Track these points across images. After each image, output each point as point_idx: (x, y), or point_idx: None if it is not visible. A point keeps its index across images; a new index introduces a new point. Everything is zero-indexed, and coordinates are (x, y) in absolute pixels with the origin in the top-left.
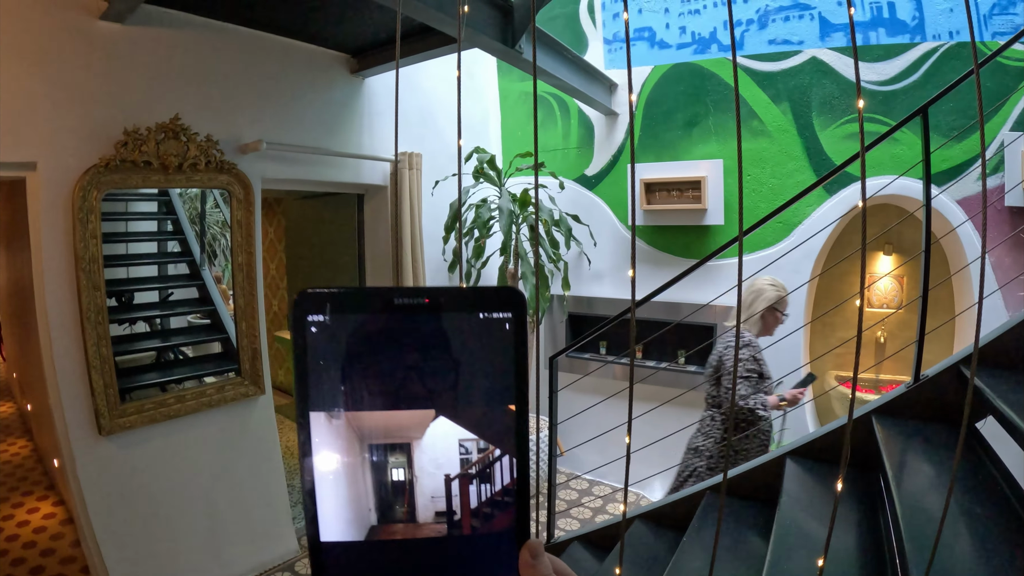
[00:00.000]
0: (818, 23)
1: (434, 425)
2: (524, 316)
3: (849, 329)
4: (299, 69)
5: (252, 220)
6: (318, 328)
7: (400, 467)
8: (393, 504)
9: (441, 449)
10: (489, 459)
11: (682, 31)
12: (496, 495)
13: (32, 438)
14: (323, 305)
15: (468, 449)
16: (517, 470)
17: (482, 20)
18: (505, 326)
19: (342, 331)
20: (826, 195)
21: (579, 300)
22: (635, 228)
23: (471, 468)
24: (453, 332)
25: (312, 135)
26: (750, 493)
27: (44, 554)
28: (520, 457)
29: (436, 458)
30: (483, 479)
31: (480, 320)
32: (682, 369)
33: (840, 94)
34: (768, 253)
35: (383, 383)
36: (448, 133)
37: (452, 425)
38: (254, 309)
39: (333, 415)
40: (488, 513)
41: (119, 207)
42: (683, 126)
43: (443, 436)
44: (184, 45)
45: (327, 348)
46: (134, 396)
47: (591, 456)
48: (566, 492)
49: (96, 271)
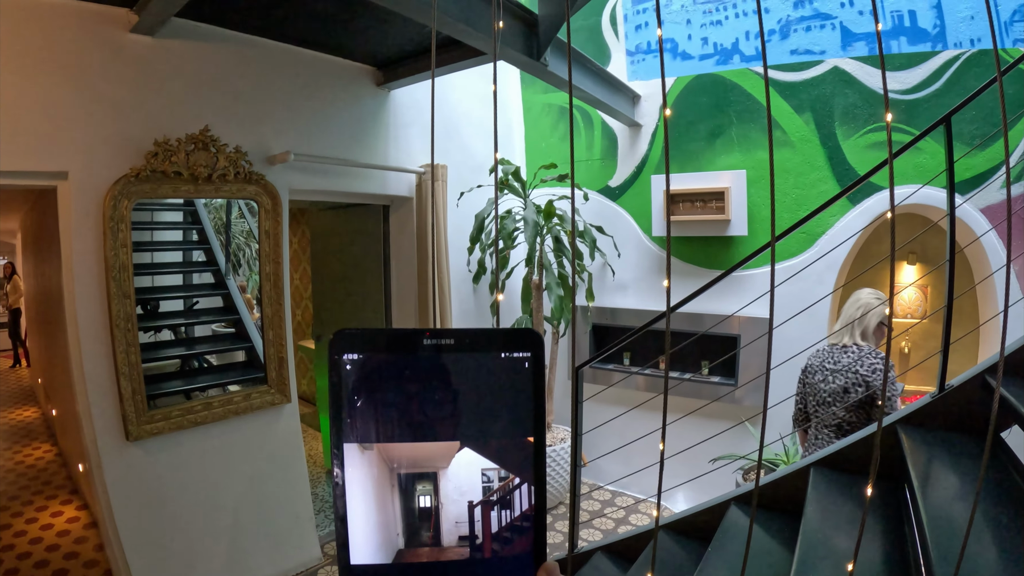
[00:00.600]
0: (840, 33)
1: (459, 456)
2: (542, 355)
3: None
4: (326, 81)
5: (280, 230)
6: (352, 365)
7: (427, 494)
8: (419, 529)
9: (465, 478)
10: (509, 487)
11: (704, 42)
12: (515, 520)
13: (56, 443)
14: (358, 344)
15: (490, 478)
16: (535, 497)
17: (508, 33)
18: (524, 364)
19: (375, 368)
20: (850, 205)
21: (603, 311)
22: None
23: (493, 495)
24: (476, 370)
25: (339, 147)
26: (775, 504)
27: (67, 557)
28: (538, 485)
29: (460, 486)
30: (503, 505)
31: (501, 359)
32: (706, 380)
33: (863, 103)
34: (792, 264)
35: (412, 417)
36: (473, 145)
37: (475, 455)
38: (281, 318)
39: (365, 446)
40: (508, 537)
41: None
42: (706, 137)
43: (467, 466)
44: (213, 58)
45: (360, 384)
46: (159, 403)
47: (614, 467)
48: (588, 503)
49: (126, 279)
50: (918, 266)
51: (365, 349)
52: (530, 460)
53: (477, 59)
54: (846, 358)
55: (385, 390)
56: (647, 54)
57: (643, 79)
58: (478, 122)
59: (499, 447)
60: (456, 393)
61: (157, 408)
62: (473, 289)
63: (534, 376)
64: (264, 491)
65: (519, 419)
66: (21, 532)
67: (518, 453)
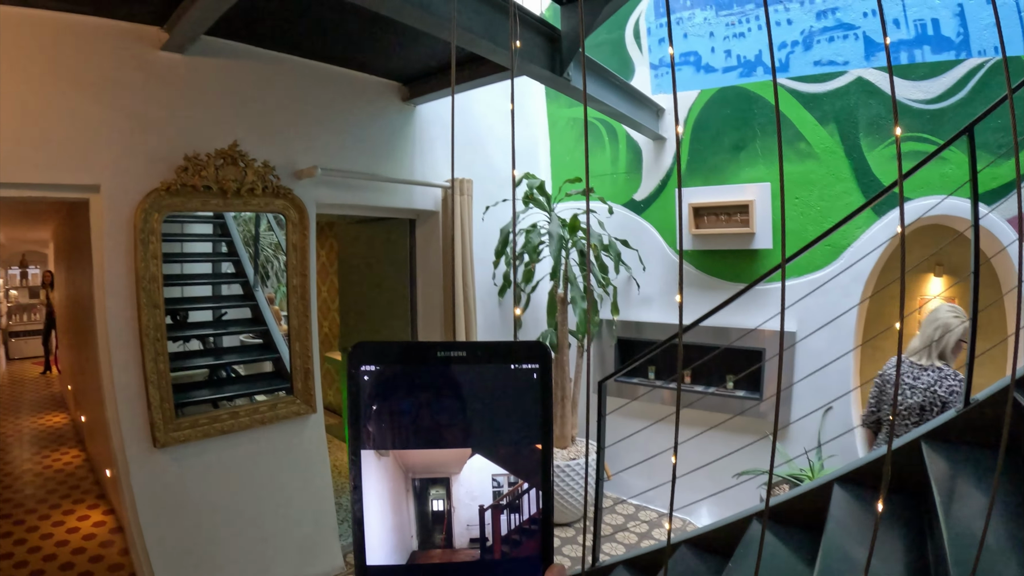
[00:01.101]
0: (863, 43)
1: (470, 462)
2: (550, 367)
3: None
4: (353, 97)
5: (307, 243)
6: (370, 376)
7: (440, 499)
8: (432, 532)
9: (476, 483)
10: (518, 492)
11: (727, 54)
12: (524, 523)
13: (85, 448)
14: (375, 356)
15: (500, 483)
16: (543, 501)
17: (531, 49)
18: (533, 375)
19: (390, 379)
20: (875, 217)
21: (628, 325)
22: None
23: (502, 500)
24: (487, 381)
25: (365, 161)
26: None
27: (92, 560)
28: (545, 490)
29: (472, 491)
30: (513, 509)
31: (511, 370)
32: (730, 394)
33: (887, 114)
34: (817, 276)
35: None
36: (498, 159)
37: (486, 462)
38: (307, 330)
39: (381, 453)
40: (516, 540)
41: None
42: (730, 150)
43: (478, 471)
44: (242, 75)
45: (377, 394)
46: (186, 411)
47: (638, 481)
48: (612, 517)
49: (156, 290)
50: (945, 278)
51: (382, 361)
52: (538, 466)
53: (500, 74)
54: (925, 376)
55: (400, 400)
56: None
57: (667, 92)
58: (503, 137)
59: (508, 454)
60: (467, 403)
61: (185, 416)
62: (499, 302)
63: (542, 386)
64: (288, 500)
65: (528, 427)
66: (47, 535)
67: (527, 459)
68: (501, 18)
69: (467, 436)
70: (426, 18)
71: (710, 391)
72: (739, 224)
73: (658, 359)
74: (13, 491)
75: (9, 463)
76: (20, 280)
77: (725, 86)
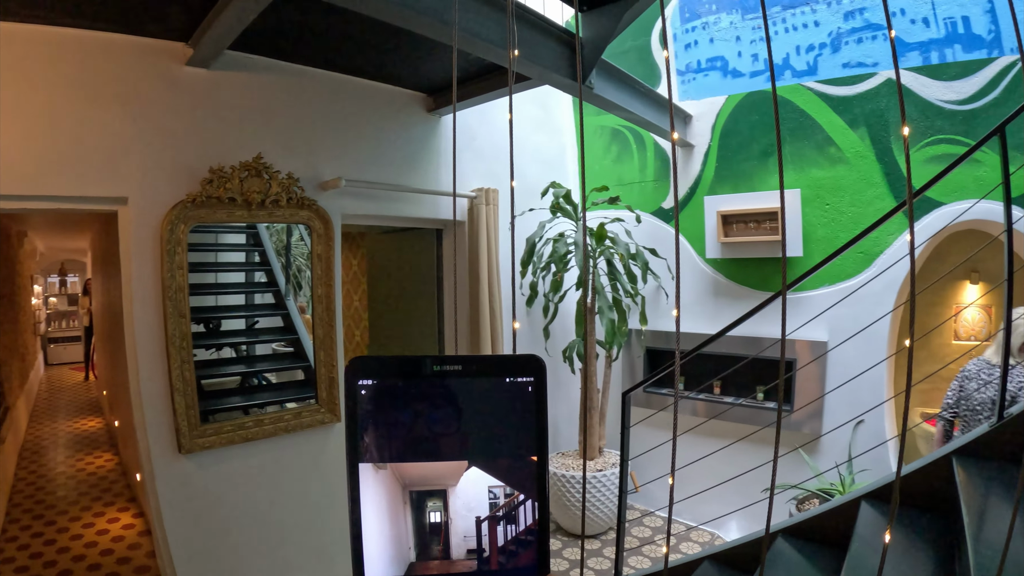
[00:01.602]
0: None
1: (467, 474)
2: (544, 379)
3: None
4: (377, 108)
5: (331, 254)
6: (367, 390)
7: (437, 510)
8: (430, 543)
9: (473, 495)
10: (514, 503)
11: (754, 59)
12: (520, 534)
13: (118, 452)
14: (372, 371)
15: (496, 494)
16: (539, 512)
17: (550, 57)
18: (528, 388)
19: (387, 393)
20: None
21: (657, 334)
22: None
23: (499, 511)
24: (482, 394)
25: (390, 172)
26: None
27: (120, 562)
28: (540, 501)
29: (468, 502)
30: (509, 520)
31: (506, 383)
32: (760, 406)
33: (919, 116)
34: (849, 284)
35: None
36: (524, 168)
37: (482, 474)
38: (332, 340)
39: (379, 466)
40: (513, 550)
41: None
42: (759, 156)
43: (474, 483)
44: (266, 88)
45: (374, 407)
46: (218, 418)
47: (665, 492)
48: (639, 529)
49: (182, 300)
50: (980, 285)
51: (378, 375)
52: (533, 478)
53: (522, 84)
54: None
55: (397, 413)
56: (698, 73)
57: (694, 98)
58: (530, 146)
59: (504, 466)
60: (463, 415)
61: (216, 422)
62: (526, 312)
63: (536, 399)
64: (312, 507)
65: (523, 439)
66: (77, 536)
67: (522, 471)
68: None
69: (463, 449)
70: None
71: (739, 402)
72: (768, 232)
73: (688, 370)
74: (46, 492)
75: (44, 465)
76: (59, 288)
77: (753, 91)
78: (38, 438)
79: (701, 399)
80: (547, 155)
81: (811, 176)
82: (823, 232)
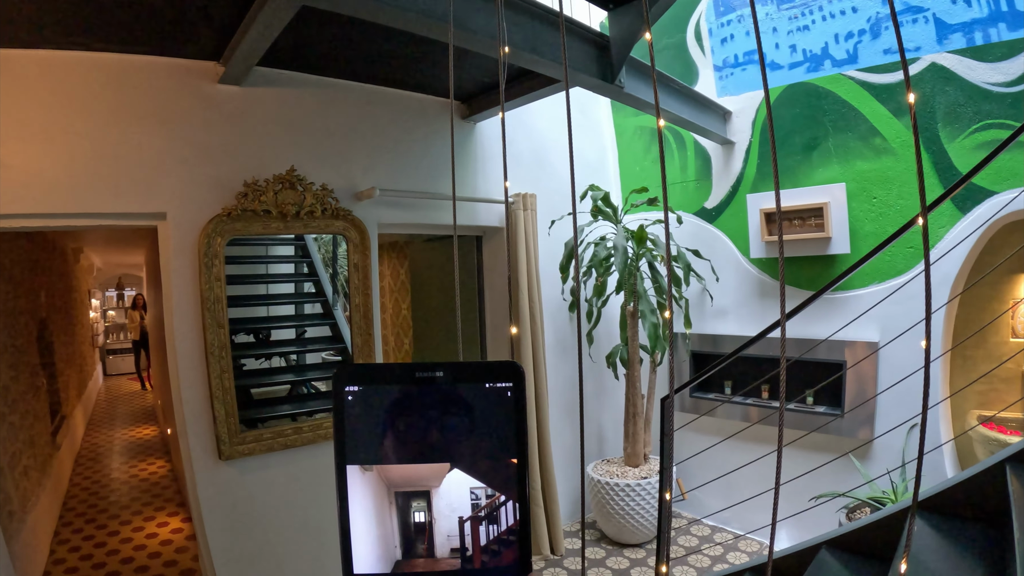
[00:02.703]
0: (934, 26)
1: (449, 476)
2: (523, 385)
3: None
4: (410, 117)
5: (368, 263)
6: (353, 396)
7: (421, 510)
8: (415, 542)
9: (455, 495)
10: (495, 504)
11: (792, 50)
12: (502, 534)
13: (170, 459)
14: (357, 377)
15: (478, 495)
16: (520, 513)
17: (580, 57)
18: (507, 394)
19: (373, 398)
20: (959, 214)
21: (703, 338)
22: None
23: (481, 511)
24: (464, 399)
25: (426, 180)
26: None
27: (167, 565)
28: (521, 502)
29: (451, 503)
30: (491, 521)
31: (486, 389)
32: (810, 409)
33: (966, 100)
34: (899, 281)
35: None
36: (562, 172)
37: (464, 476)
38: (371, 348)
39: (365, 468)
40: (495, 549)
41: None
42: (801, 150)
43: (457, 485)
44: (297, 101)
45: (360, 412)
46: (267, 424)
47: (714, 500)
48: (686, 538)
49: (220, 311)
50: None
51: (364, 382)
52: (514, 479)
53: (552, 87)
54: None
55: (382, 418)
56: (735, 67)
57: (733, 94)
58: (566, 149)
59: (485, 468)
60: (446, 420)
61: (264, 427)
62: (569, 318)
63: (516, 404)
64: None
65: (503, 443)
66: (127, 539)
67: (503, 473)
68: (545, 29)
69: (446, 451)
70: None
71: (788, 407)
72: (813, 228)
73: (734, 373)
74: (99, 497)
75: (99, 471)
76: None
77: (792, 83)
78: (95, 445)
79: (750, 403)
80: (587, 158)
81: (857, 169)
82: (871, 227)
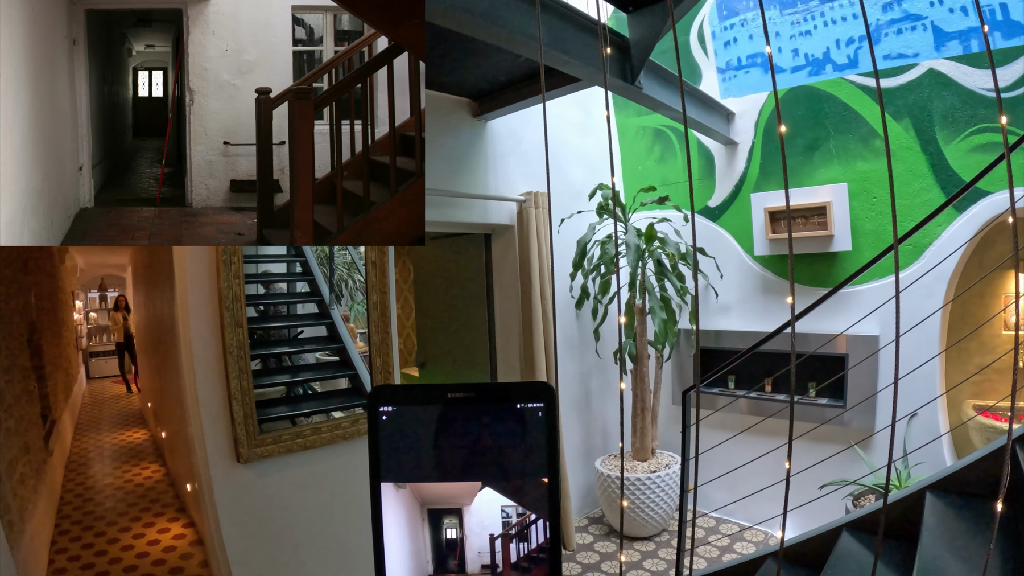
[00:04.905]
0: (931, 33)
1: (481, 494)
2: (555, 405)
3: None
4: (427, 114)
5: (385, 260)
6: (388, 416)
7: (453, 527)
8: (447, 558)
9: (487, 513)
10: (526, 522)
11: (795, 53)
12: (532, 552)
13: (165, 463)
14: (393, 398)
15: (508, 514)
16: (550, 531)
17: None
18: (538, 414)
19: (406, 418)
20: (956, 213)
21: (707, 334)
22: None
23: (511, 529)
24: (496, 419)
25: (438, 178)
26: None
27: (172, 572)
28: (552, 520)
29: (482, 520)
30: (521, 538)
31: (517, 409)
32: (812, 402)
33: (962, 105)
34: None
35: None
36: (571, 171)
37: (495, 494)
38: (388, 346)
39: (399, 485)
40: (526, 567)
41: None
42: (804, 151)
43: (488, 503)
44: None
45: (394, 432)
46: (264, 427)
47: (718, 494)
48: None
49: (239, 309)
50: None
51: (398, 402)
52: (545, 498)
53: (570, 86)
54: None
55: (415, 437)
56: (738, 70)
57: (736, 96)
58: (573, 149)
59: (516, 487)
60: (477, 439)
61: (270, 431)
62: (576, 315)
63: (548, 424)
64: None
65: (534, 462)
66: (128, 547)
67: (534, 492)
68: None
69: (477, 471)
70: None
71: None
72: (816, 227)
73: (738, 369)
74: (94, 504)
75: (91, 477)
76: (99, 303)
77: (795, 86)
78: (84, 450)
79: (753, 397)
80: (591, 157)
81: (857, 170)
82: (871, 226)
